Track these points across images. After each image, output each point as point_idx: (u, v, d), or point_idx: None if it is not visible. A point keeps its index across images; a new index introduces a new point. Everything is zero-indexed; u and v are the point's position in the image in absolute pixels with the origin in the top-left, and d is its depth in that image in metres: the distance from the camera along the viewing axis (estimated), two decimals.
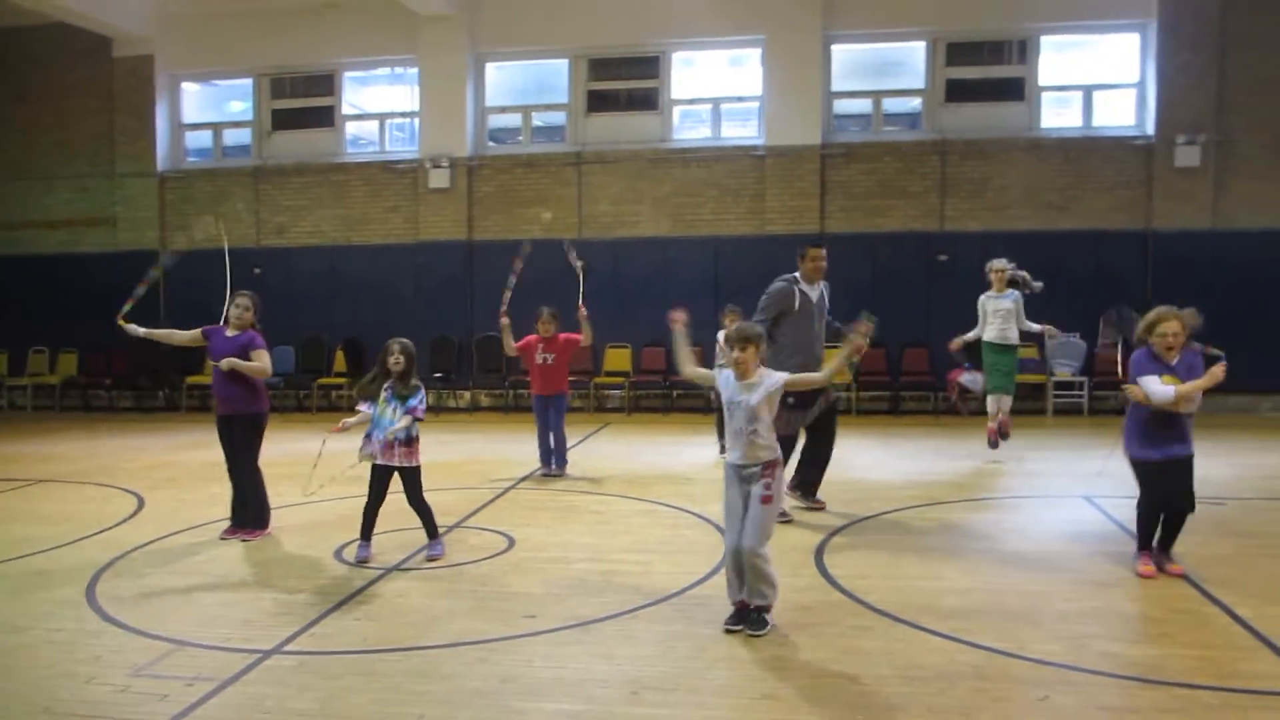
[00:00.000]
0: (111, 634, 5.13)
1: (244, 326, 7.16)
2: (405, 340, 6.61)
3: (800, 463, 7.79)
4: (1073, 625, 5.06)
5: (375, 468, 6.47)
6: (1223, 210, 13.61)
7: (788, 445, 7.57)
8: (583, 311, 9.50)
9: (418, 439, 6.53)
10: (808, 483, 7.85)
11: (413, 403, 6.42)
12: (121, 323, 7.30)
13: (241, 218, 15.97)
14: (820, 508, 7.78)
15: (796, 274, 7.59)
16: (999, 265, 9.95)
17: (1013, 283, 9.91)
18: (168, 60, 16.14)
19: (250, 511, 7.21)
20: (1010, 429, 10.10)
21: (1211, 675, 4.38)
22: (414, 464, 6.51)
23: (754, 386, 5.01)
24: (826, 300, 7.68)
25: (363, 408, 6.52)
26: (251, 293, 7.29)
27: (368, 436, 6.46)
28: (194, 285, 15.12)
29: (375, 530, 6.58)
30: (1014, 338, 9.92)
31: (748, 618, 5.04)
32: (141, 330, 7.33)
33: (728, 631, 5.01)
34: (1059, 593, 5.62)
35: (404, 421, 6.36)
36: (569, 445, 9.83)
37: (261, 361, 7.10)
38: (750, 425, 4.99)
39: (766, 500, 5.00)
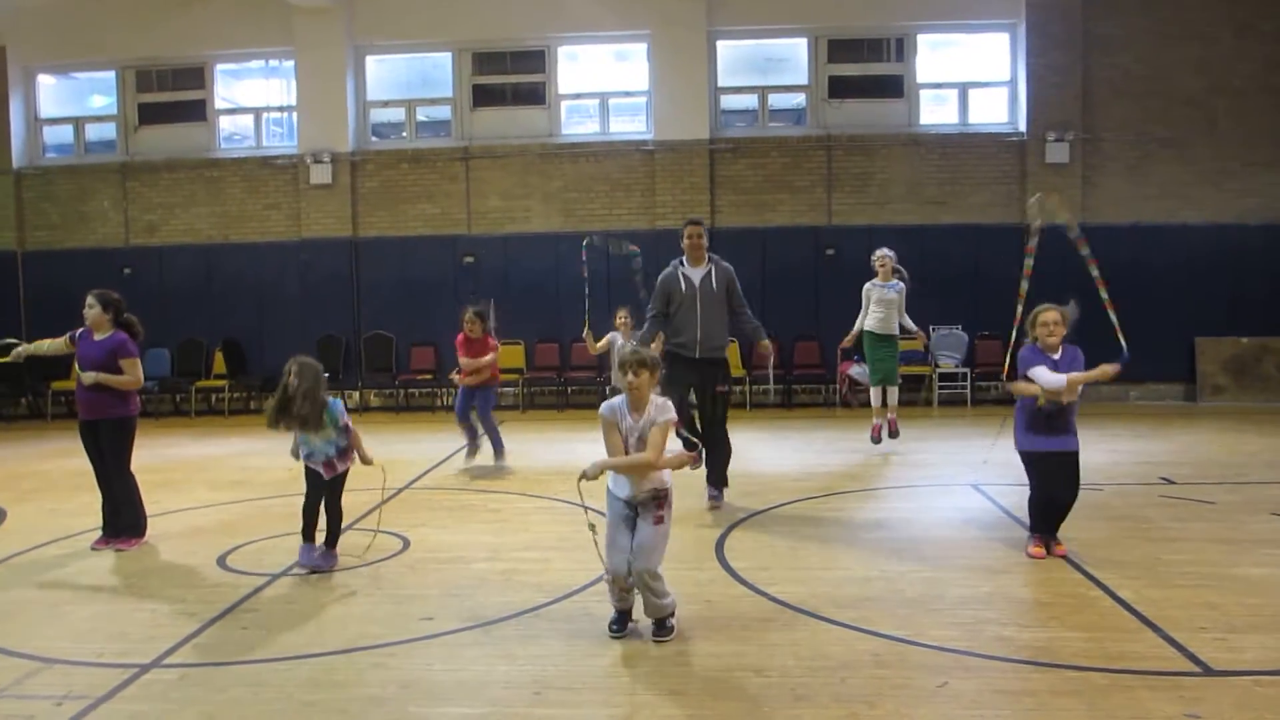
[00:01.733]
0: None
1: (102, 326, 6.74)
2: (302, 360, 6.23)
3: (709, 464, 7.79)
4: (968, 611, 5.15)
5: (309, 470, 6.25)
6: (1091, 205, 14.15)
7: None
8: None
9: (348, 448, 6.27)
10: (719, 478, 7.81)
11: (342, 421, 6.21)
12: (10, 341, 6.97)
13: (108, 216, 15.23)
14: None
15: (683, 256, 7.68)
16: (883, 254, 10.01)
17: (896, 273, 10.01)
18: (20, 51, 15.23)
19: (124, 520, 6.83)
20: (898, 428, 10.18)
21: (1100, 657, 4.49)
22: (347, 468, 6.31)
23: (648, 419, 4.74)
24: (715, 283, 7.59)
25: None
26: (104, 291, 6.84)
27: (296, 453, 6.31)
28: (52, 288, 14.46)
29: (262, 535, 6.31)
30: (894, 328, 9.98)
31: (654, 628, 4.80)
32: (25, 348, 6.92)
33: (613, 636, 4.82)
34: (953, 579, 5.73)
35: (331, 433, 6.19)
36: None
37: (132, 373, 6.71)
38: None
39: (659, 521, 4.76)
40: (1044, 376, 5.91)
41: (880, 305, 9.92)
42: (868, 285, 10.08)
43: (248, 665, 4.56)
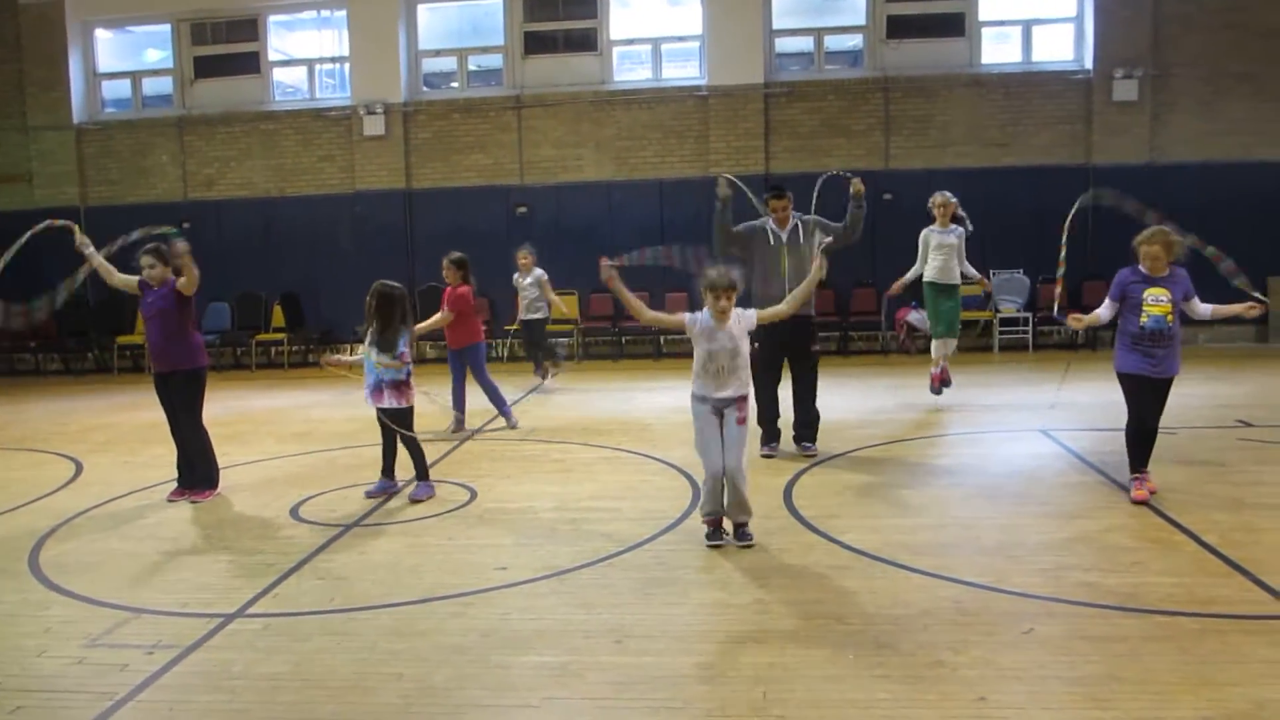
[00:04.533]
0: (60, 604, 4.88)
1: (164, 281, 6.75)
2: (383, 283, 6.75)
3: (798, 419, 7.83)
4: (1048, 557, 5.07)
5: (377, 411, 6.69)
6: (1159, 144, 13.74)
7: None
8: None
9: (407, 381, 6.65)
10: (805, 427, 7.84)
11: (401, 349, 6.60)
12: (78, 232, 6.88)
13: (166, 170, 15.36)
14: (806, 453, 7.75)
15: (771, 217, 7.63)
16: (943, 199, 9.46)
17: (955, 219, 9.50)
18: (78, 6, 15.30)
19: (198, 472, 6.92)
20: (950, 375, 9.71)
21: (1189, 601, 4.40)
22: (400, 405, 6.64)
23: (732, 331, 5.32)
24: (803, 236, 7.52)
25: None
26: (155, 246, 6.77)
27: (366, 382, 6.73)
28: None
29: (331, 487, 6.34)
30: (955, 276, 9.45)
31: (736, 533, 5.44)
32: (98, 256, 6.85)
33: (712, 547, 5.34)
34: (1030, 525, 5.63)
35: (386, 360, 6.58)
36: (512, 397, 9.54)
37: (189, 274, 6.64)
38: (734, 362, 5.31)
39: (742, 422, 5.37)
40: (1102, 313, 6.02)
41: (939, 252, 9.39)
42: (925, 231, 9.53)
43: (329, 615, 4.61)
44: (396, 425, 6.66)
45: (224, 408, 10.81)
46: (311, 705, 3.71)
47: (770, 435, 7.77)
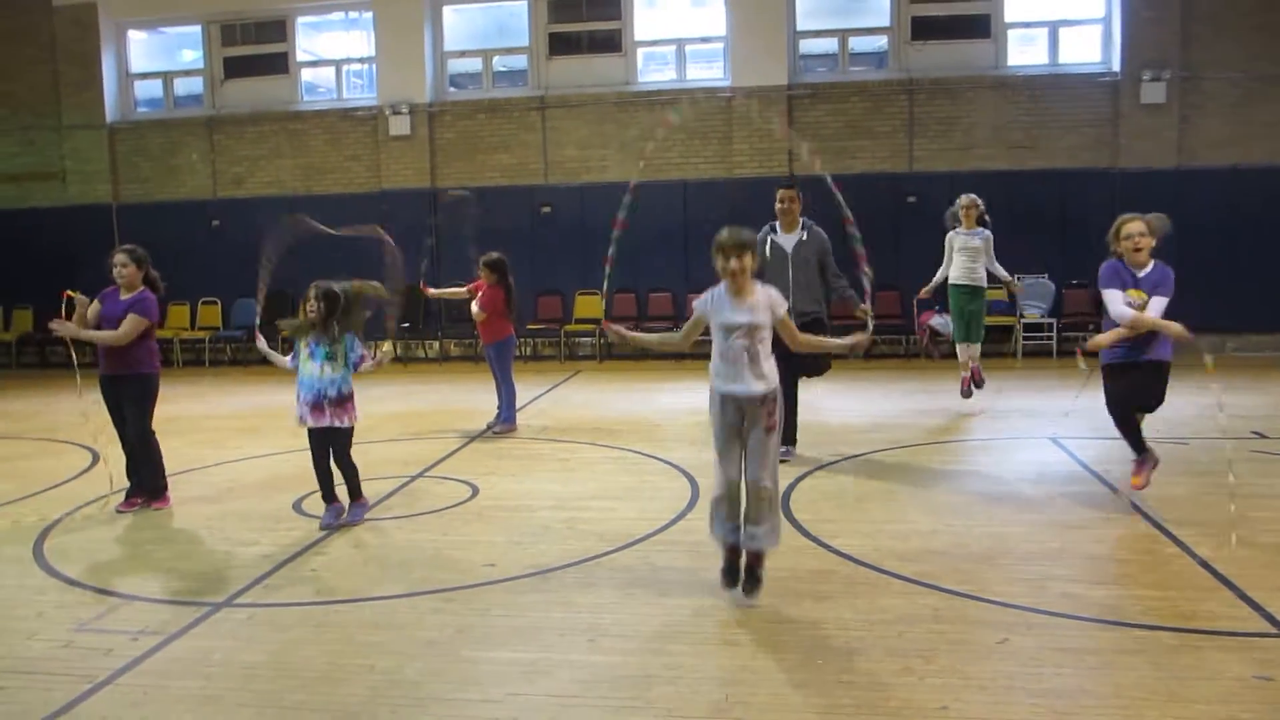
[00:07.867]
0: (56, 590, 5.01)
1: (133, 285, 6.49)
2: (330, 284, 6.13)
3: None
4: (1035, 567, 5.03)
5: (310, 431, 6.01)
6: (1188, 148, 13.52)
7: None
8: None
9: (351, 396, 6.04)
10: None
11: (352, 357, 6.05)
12: (71, 294, 6.61)
13: (197, 169, 15.58)
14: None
15: (775, 222, 7.55)
16: (969, 200, 9.39)
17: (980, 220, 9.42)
18: (112, 7, 15.54)
19: (144, 482, 6.65)
20: (982, 375, 9.67)
21: (1171, 616, 4.35)
22: (345, 424, 6.01)
23: (755, 304, 4.49)
24: (809, 251, 7.44)
25: (288, 361, 6.24)
26: (133, 247, 6.60)
27: (299, 398, 6.03)
28: (146, 240, 14.79)
29: (338, 481, 6.33)
30: (981, 278, 9.39)
31: (748, 574, 4.61)
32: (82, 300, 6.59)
33: (726, 587, 4.66)
34: (1022, 534, 5.59)
35: (330, 369, 5.97)
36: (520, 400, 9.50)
37: (126, 327, 6.32)
38: (753, 346, 4.44)
39: (771, 429, 4.50)
40: (1116, 305, 5.67)
41: (964, 254, 9.33)
42: (950, 234, 9.48)
43: (313, 606, 4.69)
44: (336, 448, 6.04)
45: (245, 403, 10.98)
46: (281, 694, 3.78)
47: (785, 439, 7.55)
